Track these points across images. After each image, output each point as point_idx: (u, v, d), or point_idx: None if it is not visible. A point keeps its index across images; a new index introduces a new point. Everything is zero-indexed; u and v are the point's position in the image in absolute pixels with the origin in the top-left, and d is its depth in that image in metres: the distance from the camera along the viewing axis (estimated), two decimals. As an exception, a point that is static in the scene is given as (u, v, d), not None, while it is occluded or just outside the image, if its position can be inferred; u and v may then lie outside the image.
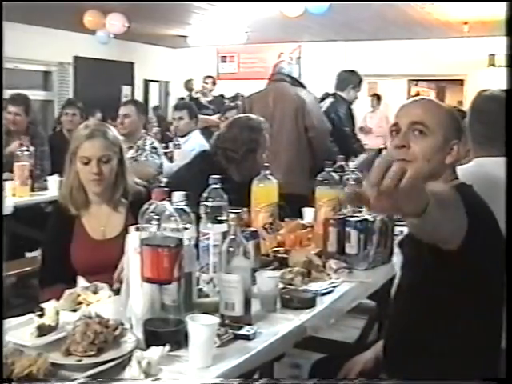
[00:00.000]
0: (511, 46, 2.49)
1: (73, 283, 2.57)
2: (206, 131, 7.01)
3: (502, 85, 2.81)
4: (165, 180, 4.61)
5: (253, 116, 3.79)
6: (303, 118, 5.26)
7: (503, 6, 8.75)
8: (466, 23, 10.25)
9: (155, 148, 5.40)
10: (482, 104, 2.84)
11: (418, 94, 13.69)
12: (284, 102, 5.29)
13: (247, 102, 5.53)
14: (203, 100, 10.66)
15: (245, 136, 3.61)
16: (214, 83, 11.46)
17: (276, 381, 3.10)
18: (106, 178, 2.89)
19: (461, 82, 12.90)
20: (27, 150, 4.92)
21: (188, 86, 11.82)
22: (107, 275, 2.44)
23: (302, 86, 5.51)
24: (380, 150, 6.61)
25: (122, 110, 5.72)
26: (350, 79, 6.39)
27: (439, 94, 15.74)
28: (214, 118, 8.00)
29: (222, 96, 11.29)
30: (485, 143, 2.80)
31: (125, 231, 2.05)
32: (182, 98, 11.00)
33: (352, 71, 6.46)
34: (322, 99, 6.19)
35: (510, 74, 2.69)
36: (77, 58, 11.86)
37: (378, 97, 12.27)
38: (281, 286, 2.39)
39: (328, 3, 7.93)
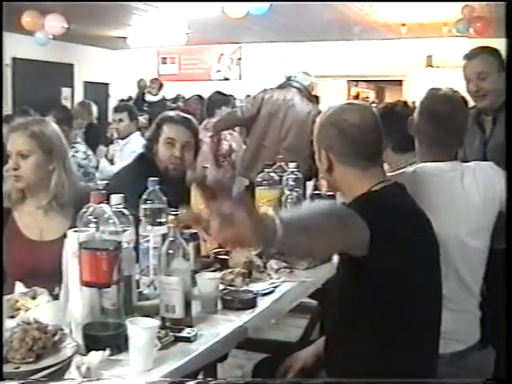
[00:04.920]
0: (511, 46, 2.51)
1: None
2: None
3: (441, 85, 2.84)
4: (104, 182, 4.55)
5: (188, 116, 3.75)
6: (311, 133, 5.64)
7: (440, 8, 8.95)
8: (404, 25, 10.43)
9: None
10: (436, 105, 2.74)
11: (357, 95, 13.88)
12: (294, 111, 5.74)
13: (258, 99, 5.81)
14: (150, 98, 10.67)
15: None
16: (160, 86, 11.44)
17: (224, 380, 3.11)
18: (25, 174, 2.76)
19: (399, 83, 13.11)
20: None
21: (141, 84, 11.76)
22: (44, 278, 2.32)
23: (311, 100, 6.05)
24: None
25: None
26: None
27: (379, 94, 15.97)
28: (141, 118, 7.94)
29: (163, 97, 11.26)
30: (436, 146, 2.72)
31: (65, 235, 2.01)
32: (123, 100, 10.91)
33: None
34: None
35: (510, 74, 2.71)
36: (15, 60, 11.67)
37: (316, 98, 12.34)
38: (221, 287, 2.40)
39: (268, 3, 7.96)
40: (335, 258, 2.91)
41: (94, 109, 8.19)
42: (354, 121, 2.11)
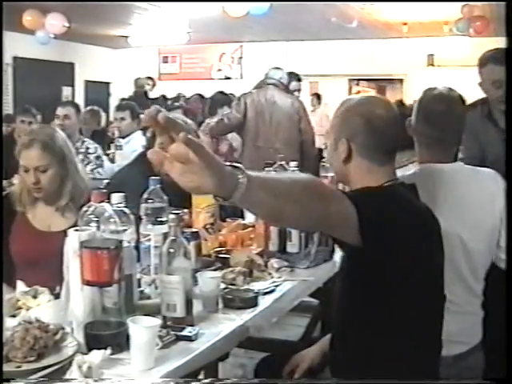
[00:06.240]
0: (511, 45, 2.49)
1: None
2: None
3: (441, 84, 2.81)
4: (105, 181, 4.56)
5: (184, 118, 3.74)
6: (298, 122, 6.05)
7: (441, 7, 8.93)
8: (405, 24, 10.42)
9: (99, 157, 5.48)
10: (431, 104, 2.70)
11: (358, 94, 13.83)
12: (278, 106, 6.01)
13: (241, 104, 6.07)
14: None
15: None
16: (153, 85, 11.46)
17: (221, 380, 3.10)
18: (45, 186, 2.88)
19: (401, 82, 13.09)
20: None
21: (138, 83, 11.76)
22: (48, 271, 2.33)
23: (289, 92, 6.33)
24: (321, 150, 6.67)
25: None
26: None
27: (380, 93, 15.91)
28: None
29: (163, 96, 11.24)
30: (433, 145, 2.67)
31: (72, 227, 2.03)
32: (124, 99, 10.91)
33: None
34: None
35: (509, 73, 2.70)
36: (16, 59, 11.66)
37: (318, 96, 12.35)
38: (222, 286, 2.40)
39: (268, 3, 7.96)
40: (337, 257, 2.93)
41: (103, 118, 8.12)
42: (380, 112, 2.12)
